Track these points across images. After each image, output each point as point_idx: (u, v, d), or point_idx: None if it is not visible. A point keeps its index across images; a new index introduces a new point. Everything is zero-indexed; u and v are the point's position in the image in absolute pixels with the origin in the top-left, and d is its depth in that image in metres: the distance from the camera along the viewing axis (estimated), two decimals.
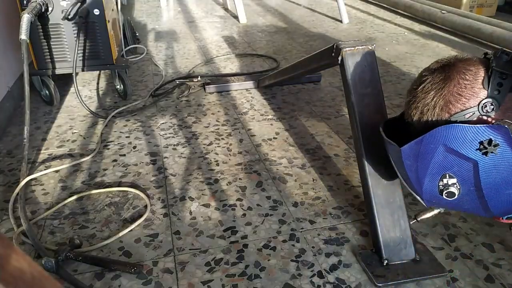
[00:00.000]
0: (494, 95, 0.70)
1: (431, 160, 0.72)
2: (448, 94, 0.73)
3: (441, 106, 0.74)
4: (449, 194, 0.73)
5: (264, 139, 1.51)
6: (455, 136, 0.69)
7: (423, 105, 0.76)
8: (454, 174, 0.72)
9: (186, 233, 1.06)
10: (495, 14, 3.36)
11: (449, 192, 0.73)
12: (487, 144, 0.66)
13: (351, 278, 0.93)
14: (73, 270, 0.95)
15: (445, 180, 0.72)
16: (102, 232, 1.06)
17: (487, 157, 0.68)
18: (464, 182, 0.72)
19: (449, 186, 0.72)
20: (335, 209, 1.15)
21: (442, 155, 0.71)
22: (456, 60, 0.77)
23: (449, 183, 0.72)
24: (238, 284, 0.91)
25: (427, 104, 0.76)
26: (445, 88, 0.74)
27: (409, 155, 0.75)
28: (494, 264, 0.96)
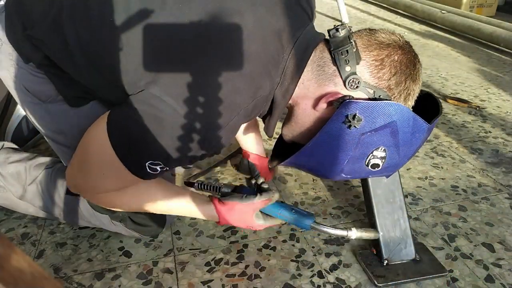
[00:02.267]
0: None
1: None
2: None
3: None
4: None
5: (264, 139, 1.51)
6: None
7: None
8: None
9: (186, 233, 1.06)
10: (495, 14, 3.36)
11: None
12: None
13: (351, 278, 0.93)
14: (73, 270, 0.95)
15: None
16: (102, 232, 1.06)
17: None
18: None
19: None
20: (335, 209, 1.15)
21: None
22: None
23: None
24: (238, 284, 0.91)
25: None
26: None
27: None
28: (494, 264, 0.96)
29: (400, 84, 0.72)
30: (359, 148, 0.74)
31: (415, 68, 0.74)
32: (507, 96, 1.90)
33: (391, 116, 0.71)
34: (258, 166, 1.20)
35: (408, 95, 0.74)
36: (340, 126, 0.72)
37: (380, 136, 0.73)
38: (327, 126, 0.73)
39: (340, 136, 0.73)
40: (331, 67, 0.74)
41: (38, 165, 1.00)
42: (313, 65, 0.76)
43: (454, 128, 1.61)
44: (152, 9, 0.70)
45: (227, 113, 0.69)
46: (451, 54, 2.51)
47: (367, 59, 0.72)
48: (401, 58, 0.73)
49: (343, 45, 0.72)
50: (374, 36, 0.74)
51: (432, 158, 1.40)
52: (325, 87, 0.75)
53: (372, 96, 0.72)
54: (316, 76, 0.75)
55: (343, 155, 0.75)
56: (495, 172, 1.32)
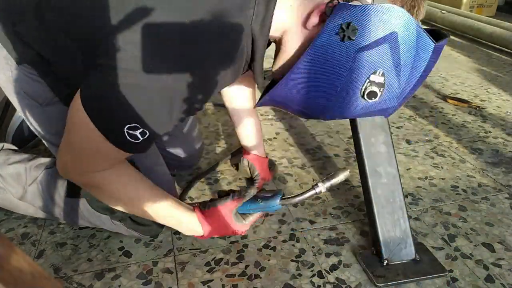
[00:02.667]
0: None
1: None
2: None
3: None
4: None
5: (264, 139, 1.51)
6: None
7: None
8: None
9: None
10: (495, 14, 3.36)
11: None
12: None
13: (351, 278, 0.93)
14: (73, 270, 0.95)
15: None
16: (102, 232, 1.06)
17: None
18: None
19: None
20: (335, 209, 1.15)
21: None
22: None
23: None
24: (238, 284, 0.91)
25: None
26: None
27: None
28: (494, 264, 0.96)
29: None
30: (354, 71, 0.64)
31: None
32: (507, 96, 1.90)
33: (392, 24, 0.61)
34: (258, 167, 1.20)
35: (412, 8, 0.65)
36: (333, 39, 0.62)
37: (378, 54, 0.63)
38: (317, 40, 0.63)
39: (331, 52, 0.63)
40: None
41: (38, 166, 1.00)
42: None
43: (454, 128, 1.61)
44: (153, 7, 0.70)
45: (197, 59, 0.63)
46: (451, 54, 2.51)
47: None
48: None
49: None
50: None
51: (432, 158, 1.40)
52: (317, 0, 0.66)
53: (370, 3, 0.63)
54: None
55: (335, 79, 0.65)
56: (495, 172, 1.32)
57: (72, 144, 0.76)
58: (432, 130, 1.59)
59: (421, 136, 1.55)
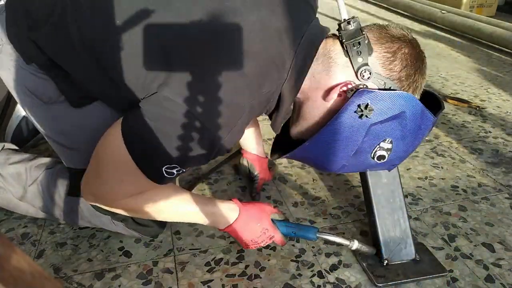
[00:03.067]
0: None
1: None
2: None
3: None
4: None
5: (264, 139, 1.51)
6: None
7: None
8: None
9: (186, 233, 1.06)
10: (495, 14, 3.36)
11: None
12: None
13: (351, 278, 0.93)
14: (73, 270, 0.95)
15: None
16: (102, 232, 1.06)
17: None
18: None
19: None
20: (335, 209, 1.15)
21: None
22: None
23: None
24: (238, 284, 0.91)
25: None
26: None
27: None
28: (494, 264, 0.96)
29: (410, 76, 0.74)
30: (367, 140, 0.75)
31: (423, 63, 0.76)
32: (507, 96, 1.90)
33: (402, 106, 0.72)
34: (258, 166, 1.20)
35: (416, 88, 0.76)
36: (352, 115, 0.73)
37: (389, 127, 0.74)
38: (339, 115, 0.73)
39: (350, 125, 0.73)
40: (343, 58, 0.75)
41: (39, 166, 1.00)
42: (324, 57, 0.77)
43: (454, 128, 1.61)
44: (154, 9, 0.71)
45: (234, 112, 0.70)
46: (451, 54, 2.51)
47: (379, 50, 0.73)
48: (411, 51, 0.74)
49: (355, 37, 0.73)
50: (385, 30, 0.76)
51: (432, 158, 1.40)
52: (337, 78, 0.76)
53: (383, 87, 0.74)
54: (327, 67, 0.76)
55: (351, 146, 0.76)
56: (495, 172, 1.32)
57: (102, 170, 0.77)
58: (432, 130, 1.59)
59: None
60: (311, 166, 0.91)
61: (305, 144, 0.78)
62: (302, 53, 0.74)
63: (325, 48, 0.77)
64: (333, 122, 0.74)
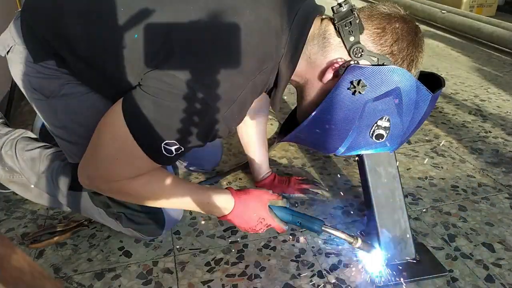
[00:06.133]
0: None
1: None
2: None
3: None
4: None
5: None
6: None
7: None
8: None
9: (186, 233, 1.06)
10: (495, 14, 3.36)
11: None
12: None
13: (351, 278, 0.93)
14: (73, 270, 0.95)
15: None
16: (102, 232, 1.06)
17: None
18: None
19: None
20: (335, 209, 1.15)
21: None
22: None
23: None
24: (238, 284, 0.91)
25: None
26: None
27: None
28: (494, 264, 0.96)
29: (403, 50, 0.74)
30: (364, 118, 0.76)
31: (416, 36, 0.76)
32: (507, 96, 1.90)
33: (395, 82, 0.73)
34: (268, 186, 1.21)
35: (411, 62, 0.75)
36: (345, 92, 0.74)
37: (384, 104, 0.74)
38: (332, 93, 0.75)
39: (345, 103, 0.75)
40: (336, 39, 0.76)
41: (53, 155, 1.02)
42: (319, 38, 0.78)
43: (454, 128, 1.61)
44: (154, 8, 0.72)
45: (234, 87, 0.71)
46: (451, 54, 2.51)
47: (369, 28, 0.75)
48: (402, 25, 0.75)
49: (346, 17, 0.75)
50: (375, 8, 0.77)
51: (432, 158, 1.40)
52: (331, 58, 0.77)
53: (376, 63, 0.74)
54: (321, 48, 0.78)
55: (348, 124, 0.77)
56: (495, 172, 1.32)
57: (100, 149, 0.78)
58: (432, 130, 1.59)
59: (421, 136, 1.55)
60: (314, 149, 0.91)
61: (303, 123, 0.79)
62: (296, 28, 0.76)
63: (320, 29, 0.79)
64: (327, 99, 0.75)
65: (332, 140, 0.81)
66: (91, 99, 0.86)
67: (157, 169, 0.80)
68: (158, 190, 0.83)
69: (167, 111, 0.71)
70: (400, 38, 0.74)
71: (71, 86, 0.84)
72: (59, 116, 0.88)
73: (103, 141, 0.77)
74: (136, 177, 0.79)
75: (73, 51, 0.78)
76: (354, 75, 0.73)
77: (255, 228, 0.91)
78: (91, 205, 0.97)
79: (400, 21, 0.75)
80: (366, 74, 0.72)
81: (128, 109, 0.73)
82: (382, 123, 0.76)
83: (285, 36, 0.75)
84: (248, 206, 0.89)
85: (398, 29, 0.74)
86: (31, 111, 1.68)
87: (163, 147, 0.74)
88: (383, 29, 0.74)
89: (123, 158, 0.76)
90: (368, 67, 0.73)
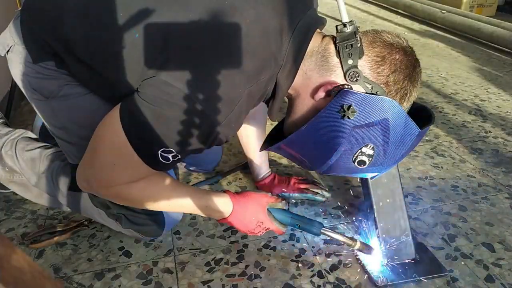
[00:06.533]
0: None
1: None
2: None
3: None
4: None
5: None
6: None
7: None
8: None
9: (186, 233, 1.06)
10: (495, 14, 3.35)
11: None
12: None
13: (351, 278, 0.93)
14: (73, 270, 0.95)
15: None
16: (102, 232, 1.06)
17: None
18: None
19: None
20: (335, 209, 1.15)
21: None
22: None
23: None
24: (238, 284, 0.91)
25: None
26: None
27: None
28: (494, 264, 0.96)
29: (398, 82, 0.74)
30: (349, 142, 0.75)
31: (414, 71, 0.75)
32: (507, 96, 1.90)
33: (385, 112, 0.72)
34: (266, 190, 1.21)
35: (405, 95, 0.75)
36: (334, 115, 0.73)
37: (371, 132, 0.74)
38: (321, 113, 0.74)
39: (333, 125, 0.74)
40: (335, 59, 0.76)
41: (53, 155, 1.02)
42: (317, 55, 0.78)
43: (454, 128, 1.61)
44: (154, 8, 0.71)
45: (231, 97, 0.71)
46: (451, 54, 2.51)
47: (369, 54, 0.74)
48: (402, 58, 0.74)
49: (348, 39, 0.74)
50: (379, 35, 0.76)
51: (432, 158, 1.40)
52: (326, 77, 0.76)
53: (369, 91, 0.74)
54: (319, 66, 0.77)
55: (333, 146, 0.76)
56: (495, 172, 1.32)
57: (98, 154, 0.78)
58: (432, 130, 1.59)
59: None
60: (296, 163, 0.91)
61: (289, 137, 0.79)
62: (296, 40, 0.76)
63: (320, 46, 0.78)
64: (316, 119, 0.75)
65: (314, 158, 0.81)
66: (90, 100, 0.86)
67: (155, 174, 0.80)
68: (156, 194, 0.83)
69: (164, 119, 0.71)
70: (397, 70, 0.73)
71: (70, 87, 0.84)
72: (58, 116, 0.88)
73: (101, 146, 0.77)
74: (134, 182, 0.79)
75: (72, 52, 0.78)
76: (346, 100, 0.72)
77: (254, 231, 0.92)
78: (91, 205, 0.97)
79: (400, 53, 0.74)
80: (357, 101, 0.71)
81: (125, 115, 0.73)
82: (366, 150, 0.76)
83: (284, 47, 0.75)
84: (247, 210, 0.90)
85: (397, 61, 0.74)
86: (31, 111, 1.68)
87: (160, 154, 0.74)
88: (382, 58, 0.74)
89: (121, 164, 0.76)
90: (360, 94, 0.72)
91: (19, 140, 1.05)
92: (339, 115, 0.73)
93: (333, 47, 0.76)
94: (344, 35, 0.75)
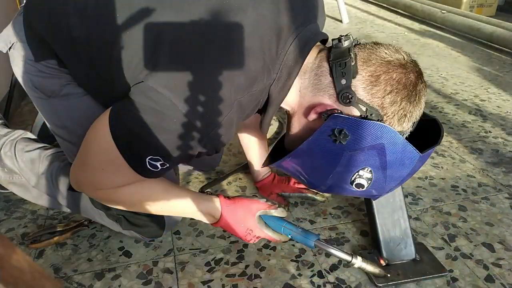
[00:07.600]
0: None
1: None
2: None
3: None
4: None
5: None
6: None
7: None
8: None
9: (186, 233, 1.06)
10: (495, 14, 3.36)
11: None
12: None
13: (351, 278, 0.93)
14: (73, 270, 0.95)
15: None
16: (102, 232, 1.06)
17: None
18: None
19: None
20: (335, 209, 1.15)
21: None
22: None
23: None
24: (238, 284, 0.91)
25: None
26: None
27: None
28: (494, 264, 0.96)
29: (395, 103, 0.69)
30: (344, 165, 0.72)
31: (415, 90, 0.71)
32: (507, 96, 1.90)
33: (379, 137, 0.69)
34: (264, 193, 1.21)
35: (404, 116, 0.71)
36: (326, 139, 0.71)
37: (366, 156, 0.71)
38: (314, 135, 0.72)
39: (325, 148, 0.72)
40: (328, 78, 0.72)
41: (53, 156, 1.02)
42: (311, 73, 0.75)
43: (454, 128, 1.61)
44: (154, 7, 0.71)
45: (220, 108, 0.69)
46: (451, 54, 2.50)
47: (363, 73, 0.70)
48: (399, 77, 0.70)
49: (342, 57, 0.70)
50: (376, 51, 0.72)
51: (432, 158, 1.40)
52: (319, 97, 0.74)
53: (364, 113, 0.70)
54: (312, 85, 0.75)
55: (328, 168, 0.74)
56: (495, 172, 1.32)
57: (88, 158, 0.78)
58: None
59: None
60: (299, 181, 0.90)
61: (286, 157, 0.77)
62: (292, 54, 0.73)
63: (314, 63, 0.75)
64: (308, 142, 0.73)
65: (312, 178, 0.80)
66: (91, 100, 0.86)
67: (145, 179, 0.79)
68: (146, 199, 0.83)
69: (151, 127, 0.69)
70: (394, 90, 0.69)
71: (72, 86, 0.84)
72: (60, 116, 0.88)
73: (91, 150, 0.77)
74: (123, 186, 0.79)
75: (72, 52, 0.78)
76: (337, 124, 0.69)
77: (245, 238, 0.90)
78: (90, 206, 0.97)
79: (398, 71, 0.69)
80: (349, 125, 0.68)
81: (114, 120, 0.73)
82: (364, 173, 0.73)
83: (279, 60, 0.72)
84: (235, 216, 0.88)
85: (394, 81, 0.69)
86: (31, 111, 1.68)
87: (148, 162, 0.73)
88: (377, 78, 0.69)
89: (109, 169, 0.76)
90: (351, 118, 0.69)
91: (18, 141, 1.05)
92: (331, 139, 0.70)
93: (327, 65, 0.73)
94: (338, 53, 0.71)
